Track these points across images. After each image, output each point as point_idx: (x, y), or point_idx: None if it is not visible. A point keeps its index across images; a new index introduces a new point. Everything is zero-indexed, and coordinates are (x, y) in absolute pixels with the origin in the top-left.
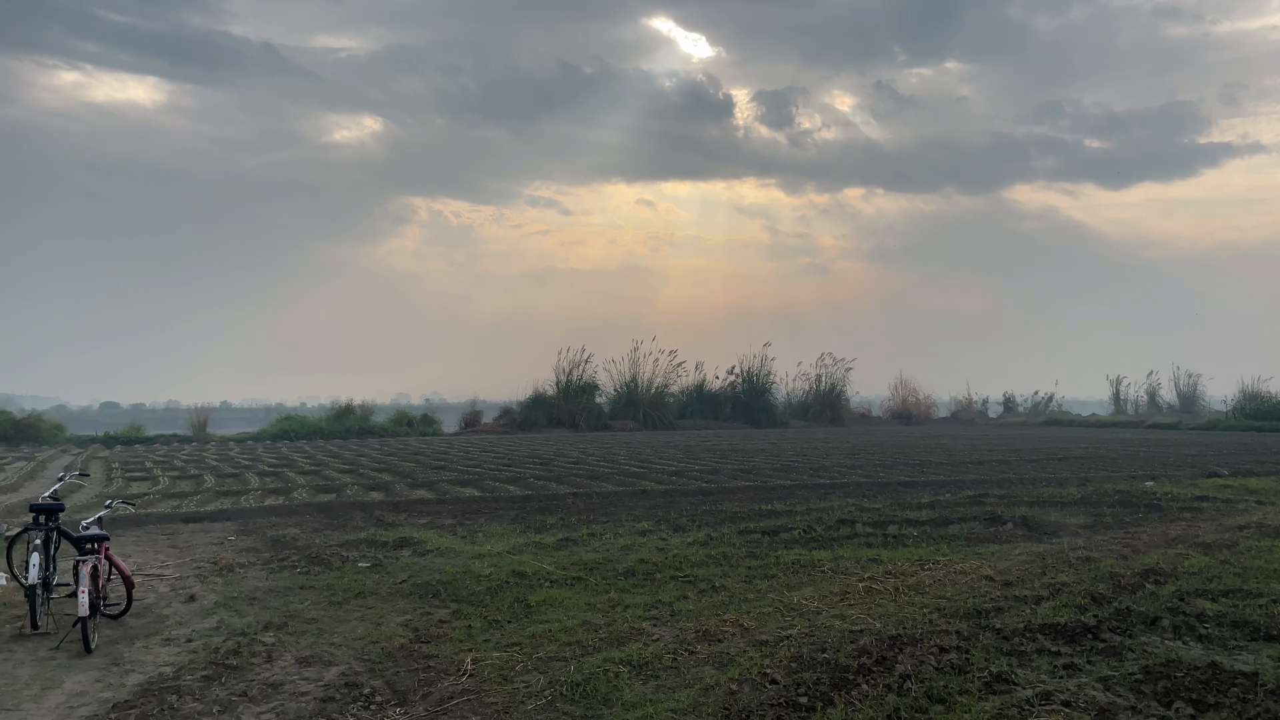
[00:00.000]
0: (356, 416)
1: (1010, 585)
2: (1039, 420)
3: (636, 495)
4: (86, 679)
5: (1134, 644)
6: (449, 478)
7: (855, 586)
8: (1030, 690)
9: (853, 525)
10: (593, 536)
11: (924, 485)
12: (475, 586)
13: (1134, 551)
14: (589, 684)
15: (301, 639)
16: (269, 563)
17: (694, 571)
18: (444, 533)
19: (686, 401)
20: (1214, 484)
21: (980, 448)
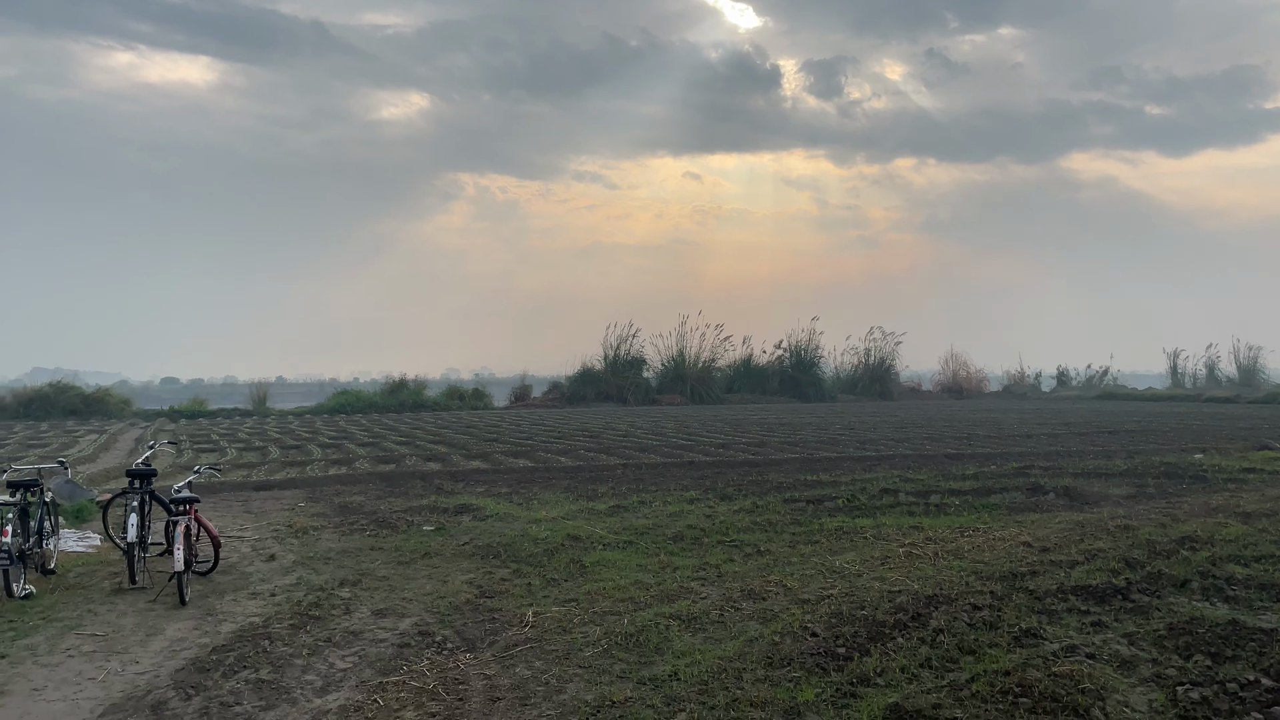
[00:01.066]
0: (410, 391)
1: (1047, 551)
2: (1093, 394)
3: (684, 466)
4: (185, 627)
5: (1161, 604)
6: (502, 449)
7: (895, 551)
8: (1057, 644)
9: (895, 495)
10: (643, 504)
11: (969, 458)
12: (533, 549)
13: (1173, 520)
14: (641, 635)
15: (375, 594)
16: (339, 526)
17: (740, 536)
18: (501, 500)
19: (733, 376)
20: (1264, 456)
21: (1030, 421)
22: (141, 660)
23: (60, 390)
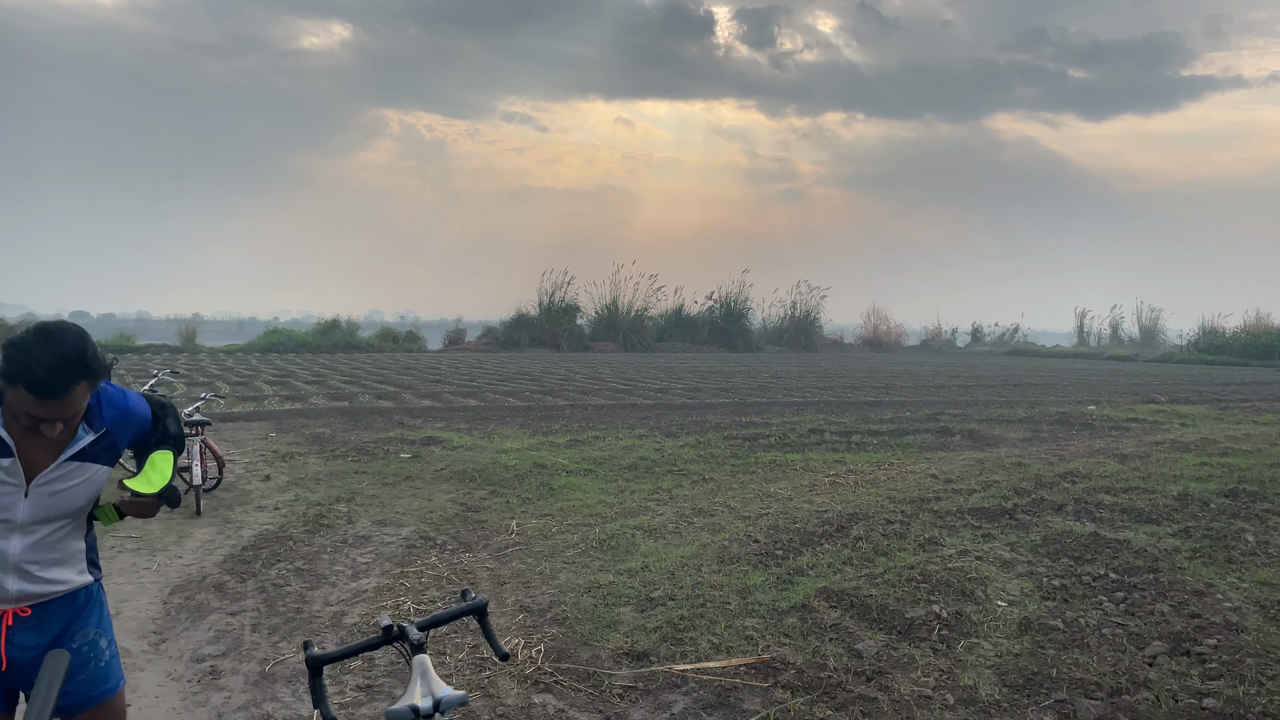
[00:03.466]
0: (343, 332)
1: (950, 482)
2: (1004, 350)
3: (627, 408)
4: (209, 532)
5: (1039, 522)
6: (449, 390)
7: (822, 481)
8: (953, 549)
9: (821, 434)
10: (596, 439)
11: (887, 405)
12: (504, 474)
13: (1060, 459)
14: (612, 540)
15: (370, 508)
16: (320, 453)
17: (686, 467)
18: (463, 434)
19: (665, 325)
20: (1149, 409)
21: (944, 374)
22: (184, 555)
23: None
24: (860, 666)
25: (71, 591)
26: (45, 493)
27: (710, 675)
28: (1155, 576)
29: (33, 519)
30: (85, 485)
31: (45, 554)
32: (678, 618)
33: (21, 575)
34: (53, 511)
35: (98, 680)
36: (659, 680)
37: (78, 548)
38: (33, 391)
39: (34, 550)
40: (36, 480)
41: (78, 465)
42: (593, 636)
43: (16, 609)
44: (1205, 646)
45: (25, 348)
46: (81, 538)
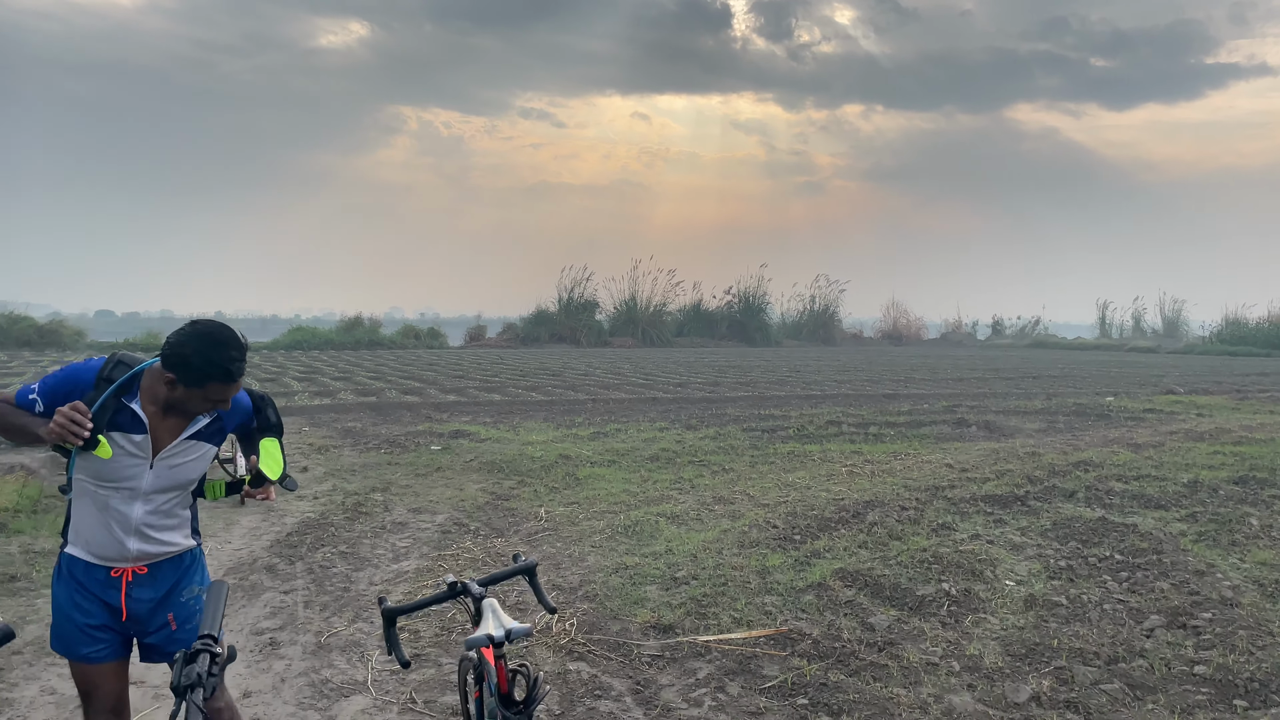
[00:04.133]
0: (365, 329)
1: (965, 471)
2: (1025, 343)
3: (648, 402)
4: (254, 520)
5: (1050, 508)
6: (473, 385)
7: (839, 470)
8: (965, 534)
9: (839, 426)
10: (619, 431)
11: (905, 397)
12: (531, 465)
13: (1074, 449)
14: (637, 526)
15: (405, 497)
16: (353, 446)
17: (706, 458)
18: (489, 427)
19: (684, 320)
20: (1167, 399)
21: (963, 367)
22: (233, 541)
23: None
24: (872, 638)
25: (179, 553)
26: (166, 466)
27: (732, 645)
28: (1159, 558)
29: (154, 488)
30: (198, 461)
31: (161, 519)
32: (701, 595)
33: (141, 537)
34: (170, 482)
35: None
36: (684, 650)
37: (185, 515)
38: (226, 380)
39: (152, 516)
40: (161, 455)
41: (194, 444)
42: (621, 612)
43: (135, 567)
44: (1201, 620)
45: (210, 349)
46: (188, 507)
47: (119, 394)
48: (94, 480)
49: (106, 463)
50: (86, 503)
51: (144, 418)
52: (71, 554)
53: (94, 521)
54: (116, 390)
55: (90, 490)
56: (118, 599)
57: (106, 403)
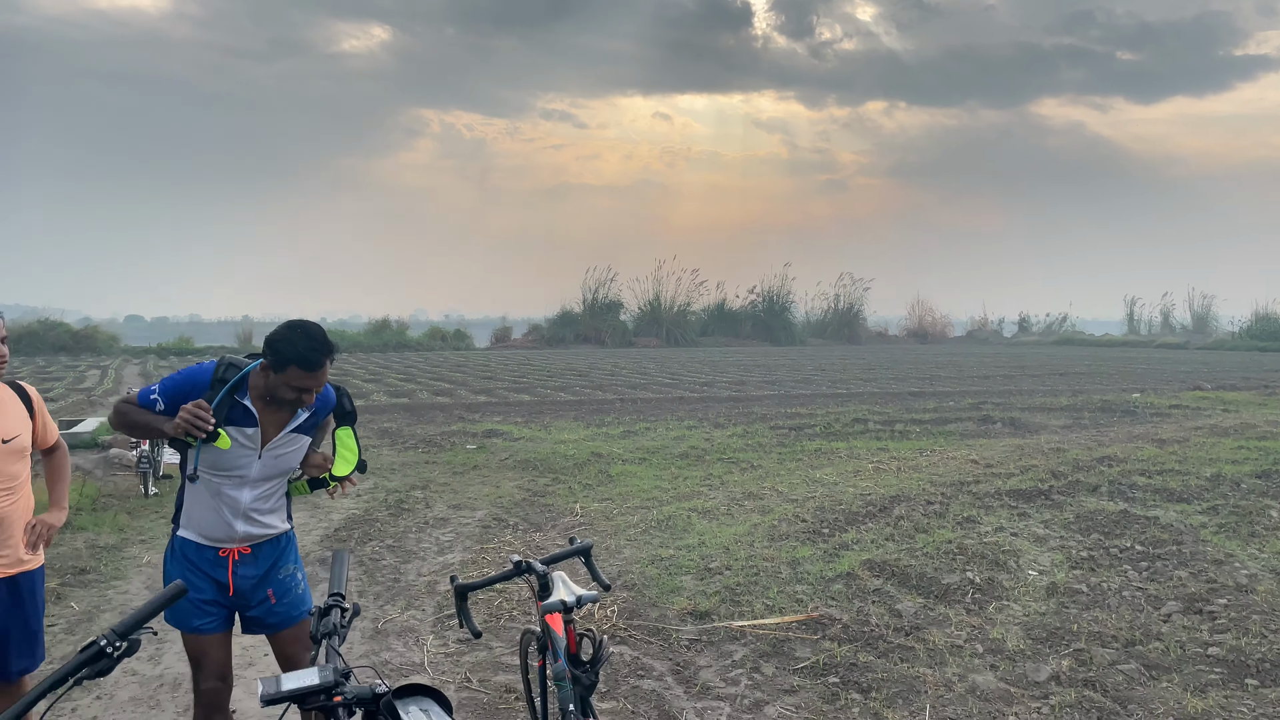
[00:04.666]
0: (393, 331)
1: (990, 466)
2: (1051, 340)
3: (675, 401)
4: (301, 516)
5: (1073, 502)
6: (502, 386)
7: (865, 466)
8: (989, 526)
9: (865, 423)
10: (648, 430)
11: (930, 395)
12: (564, 463)
13: (1099, 445)
14: (669, 521)
15: (444, 495)
16: (392, 445)
17: (735, 455)
18: (521, 427)
19: (708, 320)
20: (1193, 395)
21: (989, 364)
22: None
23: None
24: (900, 623)
25: (277, 536)
26: (272, 456)
27: (765, 630)
28: (1179, 548)
29: (260, 476)
30: (297, 452)
31: (264, 504)
32: (734, 584)
33: (247, 520)
34: (274, 471)
35: (297, 603)
36: (720, 634)
37: (282, 502)
38: (303, 367)
39: (257, 501)
40: (268, 446)
41: (296, 436)
42: (659, 600)
43: (241, 548)
44: (1216, 605)
45: (294, 337)
46: (284, 494)
47: (233, 392)
48: (209, 470)
49: (223, 453)
50: (200, 490)
51: (255, 412)
52: (184, 536)
53: (206, 507)
54: (231, 389)
55: (204, 479)
56: (225, 576)
57: (224, 400)
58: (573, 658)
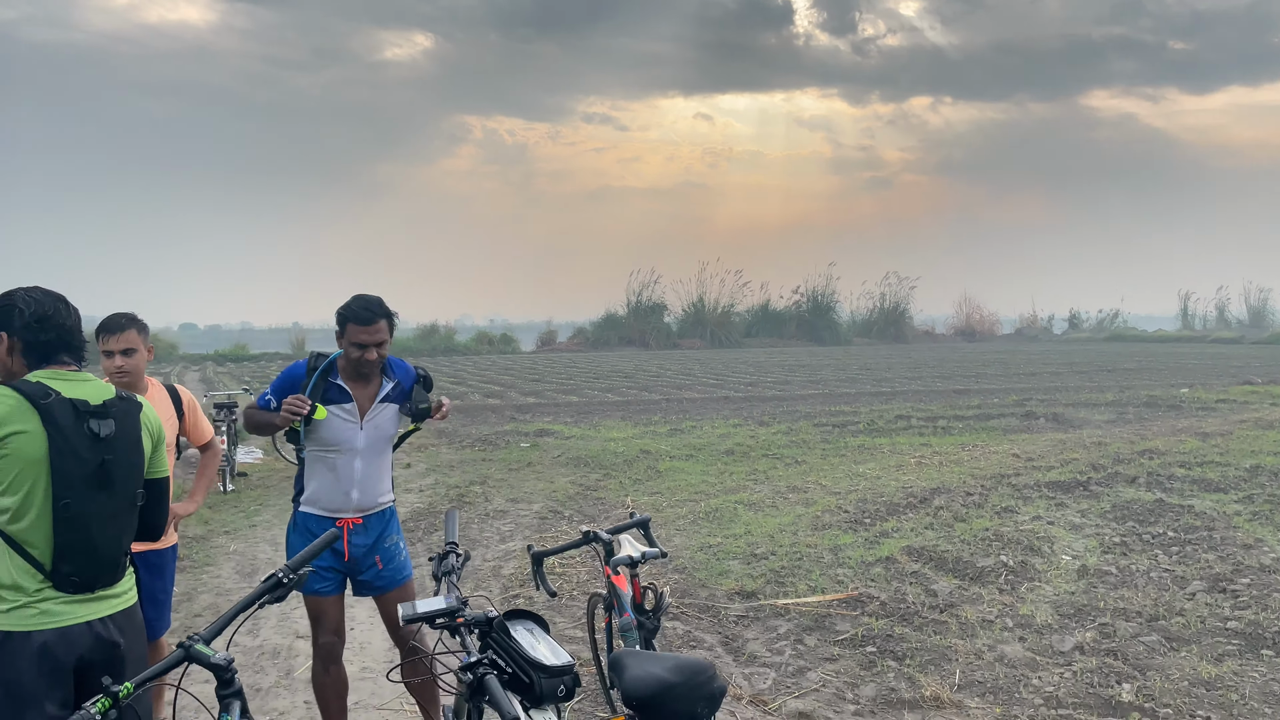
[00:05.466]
0: (441, 336)
1: (1031, 460)
2: (1103, 336)
3: (720, 401)
4: None
5: (1111, 492)
6: (550, 388)
7: (908, 461)
8: (1026, 516)
9: (908, 420)
10: (694, 428)
11: (975, 392)
12: (614, 459)
13: (1141, 438)
14: (716, 512)
15: (501, 489)
16: (449, 445)
17: (779, 451)
18: (571, 426)
19: (752, 320)
20: (1243, 390)
21: (1036, 362)
22: None
23: None
24: (935, 601)
25: (383, 509)
26: (372, 426)
27: (808, 607)
28: (1210, 534)
29: (366, 445)
30: (392, 419)
31: (373, 474)
32: (779, 568)
33: (360, 490)
34: (377, 437)
35: (400, 569)
36: (766, 611)
37: (388, 475)
38: (357, 322)
39: (367, 471)
40: (366, 416)
41: (386, 405)
42: (708, 581)
43: (354, 518)
44: (1239, 585)
45: (351, 301)
46: (389, 468)
47: (325, 374)
48: (323, 447)
49: (329, 429)
50: (319, 468)
51: (348, 389)
52: (305, 511)
53: (324, 481)
54: (322, 372)
55: (321, 456)
56: (341, 545)
57: (317, 383)
58: (638, 606)
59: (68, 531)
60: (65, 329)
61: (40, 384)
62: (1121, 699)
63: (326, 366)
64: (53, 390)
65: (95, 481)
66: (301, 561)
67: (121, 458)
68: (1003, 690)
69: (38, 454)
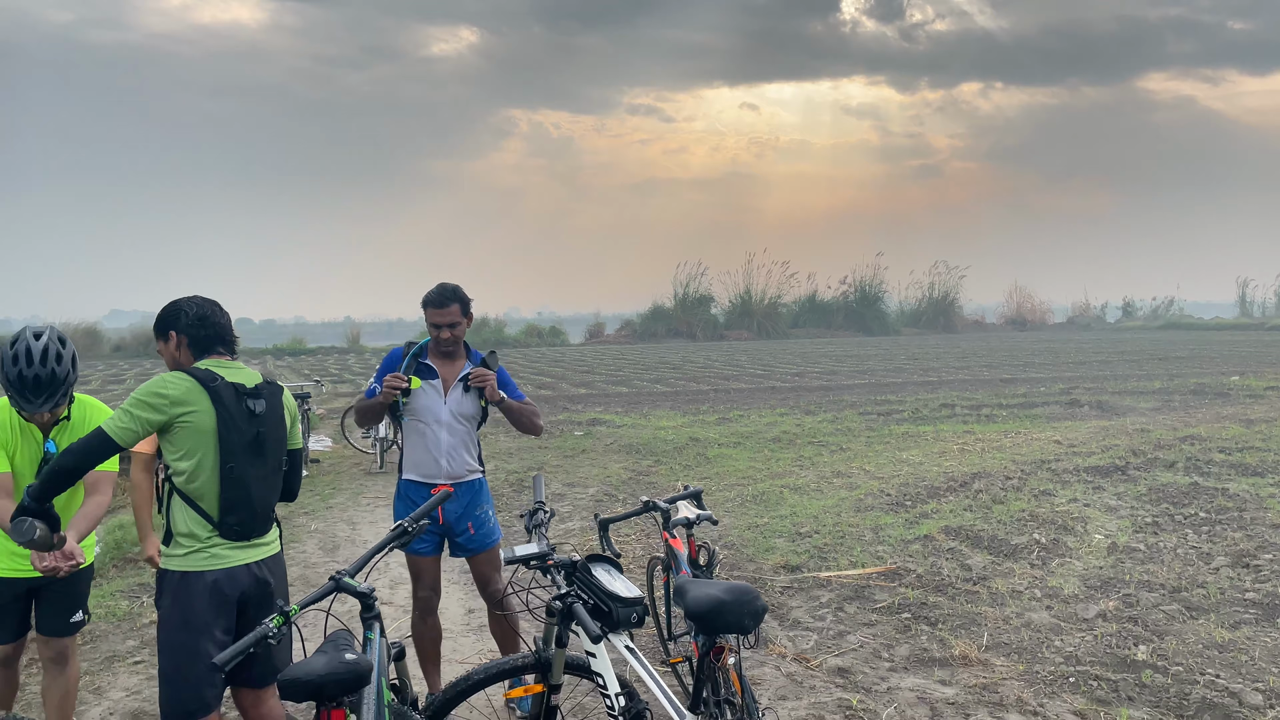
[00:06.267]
0: (491, 329)
1: (1072, 446)
2: (1157, 325)
3: (766, 391)
4: None
5: (1148, 477)
6: (600, 379)
7: (951, 448)
8: (1064, 498)
9: (953, 408)
10: (741, 417)
11: (1022, 381)
12: (665, 446)
13: (1185, 425)
14: (763, 496)
15: (559, 474)
16: (506, 433)
17: (825, 439)
18: (622, 415)
19: (799, 311)
20: None
21: (1087, 351)
22: None
23: None
24: (968, 575)
25: (472, 480)
26: (454, 400)
27: (849, 579)
28: (1240, 515)
29: (450, 417)
30: (471, 396)
31: (458, 445)
32: (822, 545)
33: (449, 459)
34: (459, 413)
35: (489, 534)
36: (809, 583)
37: (474, 449)
38: (431, 305)
39: (452, 441)
40: (449, 391)
41: (464, 384)
42: (756, 556)
43: (447, 485)
44: (1262, 560)
45: (433, 288)
46: (476, 444)
47: (416, 355)
48: (416, 418)
49: (421, 400)
50: (414, 437)
51: (434, 367)
52: (407, 479)
53: (418, 449)
54: (415, 353)
55: (415, 426)
56: (436, 510)
57: (410, 361)
58: (693, 562)
59: (231, 490)
60: (220, 326)
61: (208, 370)
62: (1136, 658)
63: (419, 349)
64: (218, 375)
65: (252, 449)
66: (420, 515)
67: (271, 430)
68: (1026, 651)
69: (208, 427)
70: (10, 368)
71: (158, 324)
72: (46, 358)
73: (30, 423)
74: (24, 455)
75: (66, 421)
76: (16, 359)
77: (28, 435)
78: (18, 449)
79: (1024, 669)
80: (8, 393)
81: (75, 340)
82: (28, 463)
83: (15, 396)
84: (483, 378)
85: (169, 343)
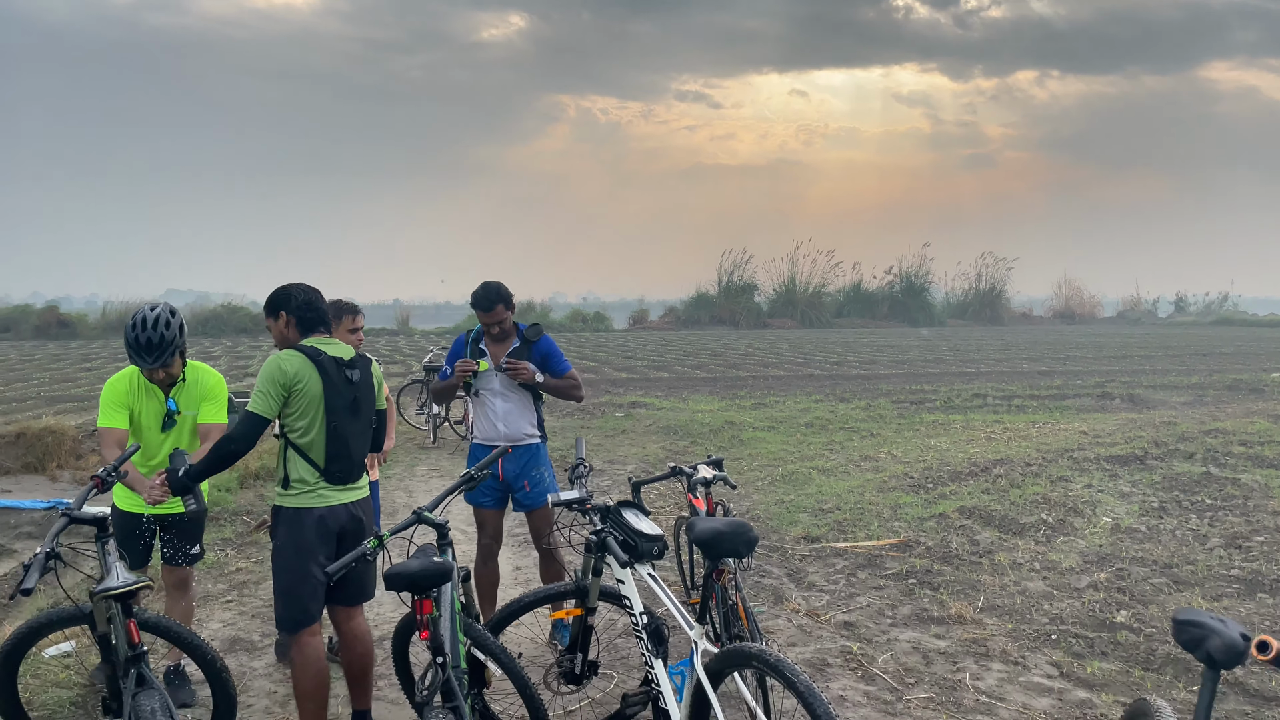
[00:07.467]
0: (536, 314)
1: (1098, 437)
2: (1209, 320)
3: (804, 378)
4: None
5: (1164, 466)
6: (642, 364)
7: (978, 436)
8: (1079, 485)
9: (984, 398)
10: (777, 403)
11: (1059, 374)
12: (701, 429)
13: (1213, 419)
14: (792, 476)
15: (599, 452)
16: (549, 413)
17: (856, 425)
18: (661, 399)
19: (843, 301)
20: None
21: (1132, 345)
22: None
23: (232, 311)
24: (975, 549)
25: (529, 444)
26: (504, 375)
27: (863, 550)
28: (1245, 502)
29: (503, 389)
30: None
31: (513, 412)
32: (842, 520)
33: (505, 424)
34: (508, 384)
35: (544, 492)
36: (827, 552)
37: (530, 417)
38: (479, 309)
39: (507, 408)
40: (499, 368)
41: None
42: (779, 528)
43: (506, 447)
44: (1254, 542)
45: (476, 290)
46: (532, 411)
47: (475, 341)
48: (482, 389)
49: (485, 376)
50: (481, 409)
51: (486, 350)
52: (475, 442)
53: (484, 418)
54: (473, 340)
55: (483, 399)
56: (497, 468)
57: (471, 346)
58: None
59: (334, 443)
60: (322, 311)
61: (314, 347)
62: (1116, 620)
63: (476, 335)
64: (322, 350)
65: (350, 411)
66: (484, 465)
67: (364, 395)
68: (1017, 613)
69: (317, 393)
70: (130, 333)
71: (269, 305)
72: (158, 325)
73: (152, 383)
74: (149, 412)
75: (183, 383)
76: (134, 325)
77: (152, 394)
78: (143, 407)
79: (1012, 628)
80: (128, 352)
81: None
82: (153, 417)
83: (132, 355)
84: (516, 371)
85: (279, 321)
